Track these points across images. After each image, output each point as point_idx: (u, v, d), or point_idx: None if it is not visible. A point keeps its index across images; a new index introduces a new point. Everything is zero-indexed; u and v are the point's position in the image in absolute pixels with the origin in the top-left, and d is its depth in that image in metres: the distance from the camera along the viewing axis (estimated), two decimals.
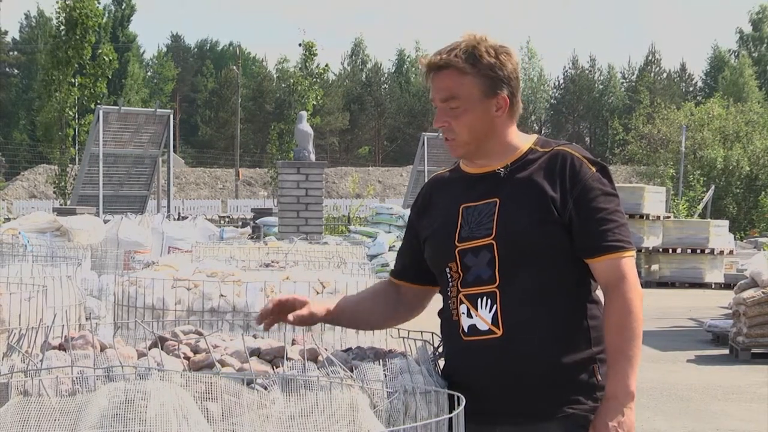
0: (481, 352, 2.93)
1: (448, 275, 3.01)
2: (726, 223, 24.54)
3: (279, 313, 3.08)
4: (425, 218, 3.15)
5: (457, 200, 3.04)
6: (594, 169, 2.96)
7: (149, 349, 2.72)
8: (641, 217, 22.36)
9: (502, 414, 2.91)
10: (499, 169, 3.01)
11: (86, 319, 5.60)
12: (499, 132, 3.02)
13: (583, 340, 2.94)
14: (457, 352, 2.99)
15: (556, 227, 2.91)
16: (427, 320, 3.16)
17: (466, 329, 2.95)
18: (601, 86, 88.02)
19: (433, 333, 2.99)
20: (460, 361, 2.98)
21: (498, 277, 2.92)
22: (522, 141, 3.07)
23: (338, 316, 3.22)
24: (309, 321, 3.14)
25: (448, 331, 3.02)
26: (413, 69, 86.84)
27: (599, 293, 3.02)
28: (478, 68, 2.95)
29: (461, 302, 2.97)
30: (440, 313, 3.08)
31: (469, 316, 2.95)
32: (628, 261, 2.94)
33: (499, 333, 2.90)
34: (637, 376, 2.89)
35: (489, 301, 2.92)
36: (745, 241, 31.24)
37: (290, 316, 3.07)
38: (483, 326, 2.92)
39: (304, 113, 17.92)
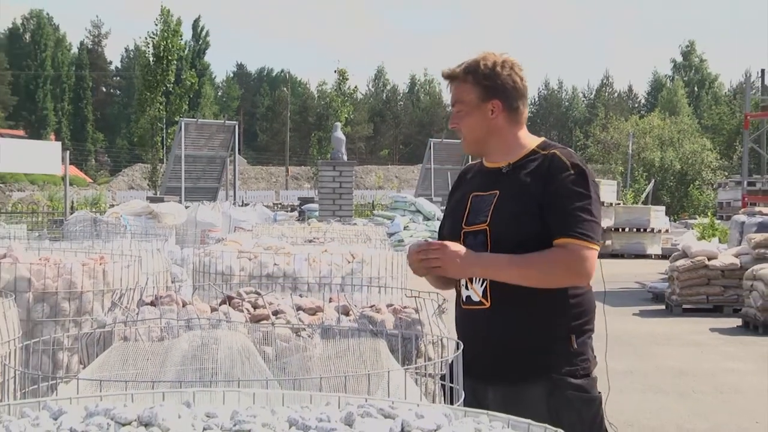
0: (474, 321, 2.75)
1: None
2: (663, 208, 24.37)
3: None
4: (451, 199, 2.95)
5: (471, 189, 2.83)
6: (573, 172, 2.67)
7: (220, 306, 2.72)
8: None
9: (492, 376, 2.69)
10: (503, 166, 2.78)
11: (171, 282, 5.62)
12: (498, 133, 2.78)
13: (562, 314, 2.68)
14: (459, 318, 2.84)
15: (537, 218, 2.65)
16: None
17: (464, 299, 2.78)
18: (566, 103, 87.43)
19: (438, 293, 2.88)
20: (460, 326, 2.82)
21: None
22: (529, 142, 2.81)
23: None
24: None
25: (456, 300, 2.85)
26: (423, 90, 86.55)
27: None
28: (475, 78, 2.76)
29: None
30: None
31: (466, 288, 2.77)
32: (589, 252, 2.60)
33: (487, 305, 2.71)
34: (484, 272, 2.67)
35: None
36: (677, 222, 30.99)
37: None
38: (475, 298, 2.74)
39: (338, 124, 17.91)
